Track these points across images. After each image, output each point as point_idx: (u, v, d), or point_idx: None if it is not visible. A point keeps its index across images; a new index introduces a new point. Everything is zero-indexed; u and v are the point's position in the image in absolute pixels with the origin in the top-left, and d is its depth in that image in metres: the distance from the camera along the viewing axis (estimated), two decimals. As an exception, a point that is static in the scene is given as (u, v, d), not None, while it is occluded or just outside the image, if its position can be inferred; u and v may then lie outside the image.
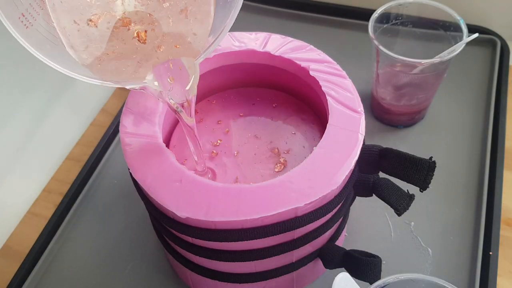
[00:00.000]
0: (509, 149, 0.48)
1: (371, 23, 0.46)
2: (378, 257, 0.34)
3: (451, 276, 0.40)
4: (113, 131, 0.53)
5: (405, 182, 0.32)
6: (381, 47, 0.44)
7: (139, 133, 0.33)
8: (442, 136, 0.50)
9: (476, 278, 0.40)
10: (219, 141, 0.38)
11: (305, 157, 0.31)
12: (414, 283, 0.30)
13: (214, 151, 0.38)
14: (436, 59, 0.43)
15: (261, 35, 0.39)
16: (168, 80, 0.28)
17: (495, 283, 0.39)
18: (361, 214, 0.44)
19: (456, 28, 0.45)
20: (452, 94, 0.53)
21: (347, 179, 0.32)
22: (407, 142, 0.50)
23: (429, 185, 0.31)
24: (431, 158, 0.31)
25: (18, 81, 0.47)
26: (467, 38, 0.44)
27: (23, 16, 0.25)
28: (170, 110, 0.30)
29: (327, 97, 0.34)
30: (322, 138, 0.32)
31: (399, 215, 0.32)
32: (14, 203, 0.49)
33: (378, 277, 0.33)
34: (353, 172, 0.32)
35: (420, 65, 0.43)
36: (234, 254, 0.32)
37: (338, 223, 0.36)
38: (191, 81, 0.28)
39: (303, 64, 0.37)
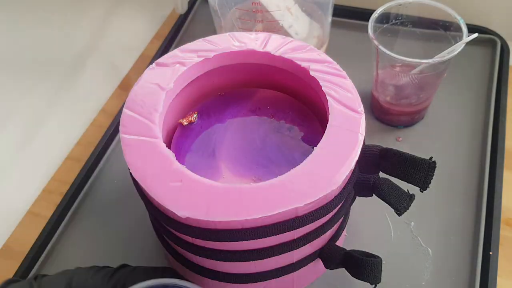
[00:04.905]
0: (509, 149, 0.48)
1: (371, 23, 0.46)
2: (378, 257, 0.34)
3: (451, 276, 0.40)
4: (113, 131, 0.53)
5: (405, 182, 0.32)
6: (381, 47, 0.44)
7: (139, 133, 0.33)
8: (442, 136, 0.50)
9: (476, 278, 0.40)
10: (218, 141, 0.38)
11: (305, 158, 0.31)
12: None
13: (214, 152, 0.38)
14: (436, 59, 0.43)
15: (261, 35, 0.39)
16: None
17: (495, 283, 0.39)
18: (361, 214, 0.44)
19: (456, 28, 0.45)
20: (452, 94, 0.53)
21: (347, 179, 0.32)
22: (407, 142, 0.50)
23: (429, 185, 0.31)
24: (431, 158, 0.31)
25: (18, 81, 0.47)
26: (467, 38, 0.44)
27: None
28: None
29: (327, 97, 0.34)
30: (322, 138, 0.32)
31: (399, 215, 0.32)
32: (14, 203, 0.49)
33: (378, 277, 0.33)
34: (353, 172, 0.32)
35: (420, 65, 0.43)
36: (234, 254, 0.32)
37: (339, 223, 0.36)
38: None
39: (303, 64, 0.37)
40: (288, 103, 0.41)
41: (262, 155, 0.37)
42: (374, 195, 0.34)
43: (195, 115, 0.40)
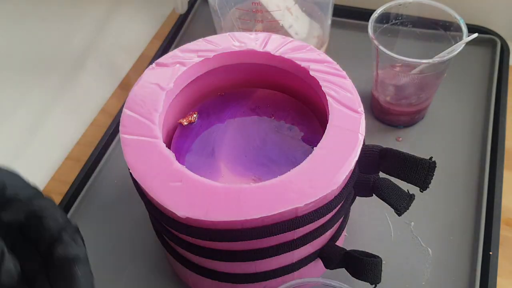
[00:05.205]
0: (509, 149, 0.48)
1: (371, 23, 0.46)
2: (378, 257, 0.34)
3: (451, 276, 0.40)
4: (113, 131, 0.53)
5: (405, 182, 0.32)
6: (381, 47, 0.44)
7: (139, 133, 0.33)
8: (442, 136, 0.50)
9: (476, 278, 0.40)
10: (218, 141, 0.38)
11: (305, 157, 0.31)
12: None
13: (213, 151, 0.38)
14: (436, 59, 0.43)
15: (261, 35, 0.39)
16: None
17: (495, 283, 0.39)
18: (361, 214, 0.44)
19: (456, 28, 0.45)
20: (452, 94, 0.53)
21: (347, 179, 0.31)
22: (407, 142, 0.50)
23: (429, 185, 0.31)
24: (431, 158, 0.31)
25: (18, 81, 0.47)
26: (466, 38, 0.44)
27: None
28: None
29: (327, 97, 0.34)
30: (322, 138, 0.32)
31: (399, 215, 0.32)
32: (14, 203, 0.49)
33: (378, 277, 0.33)
34: (353, 172, 0.32)
35: (420, 65, 0.43)
36: (234, 254, 0.32)
37: (339, 223, 0.36)
38: None
39: (303, 64, 0.37)
40: (288, 103, 0.41)
41: (262, 154, 0.37)
42: (374, 195, 0.34)
43: (195, 115, 0.40)
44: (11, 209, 0.25)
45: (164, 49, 0.61)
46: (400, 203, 0.32)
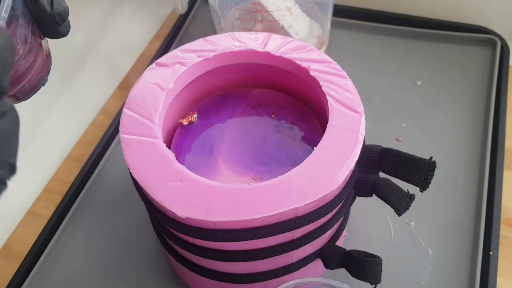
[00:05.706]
0: (509, 149, 0.48)
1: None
2: (378, 257, 0.34)
3: (451, 276, 0.40)
4: (113, 131, 0.53)
5: (405, 182, 0.32)
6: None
7: (139, 133, 0.33)
8: (442, 136, 0.50)
9: (476, 278, 0.40)
10: (217, 141, 0.38)
11: (305, 158, 0.31)
12: None
13: (212, 150, 0.38)
14: None
15: (261, 35, 0.39)
16: None
17: (495, 283, 0.40)
18: (361, 214, 0.44)
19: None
20: (452, 94, 0.53)
21: (347, 179, 0.31)
22: (407, 142, 0.50)
23: (429, 185, 0.31)
24: (431, 158, 0.31)
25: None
26: None
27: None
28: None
29: (327, 97, 0.34)
30: (322, 138, 0.32)
31: (399, 215, 0.32)
32: (14, 203, 0.49)
33: (378, 278, 0.33)
34: (353, 172, 0.32)
35: None
36: (234, 254, 0.32)
37: (339, 223, 0.36)
38: None
39: (303, 64, 0.37)
40: (288, 103, 0.41)
41: (262, 153, 0.37)
42: (374, 195, 0.34)
43: (195, 115, 0.40)
44: None
45: (164, 49, 0.61)
46: (400, 203, 0.32)
